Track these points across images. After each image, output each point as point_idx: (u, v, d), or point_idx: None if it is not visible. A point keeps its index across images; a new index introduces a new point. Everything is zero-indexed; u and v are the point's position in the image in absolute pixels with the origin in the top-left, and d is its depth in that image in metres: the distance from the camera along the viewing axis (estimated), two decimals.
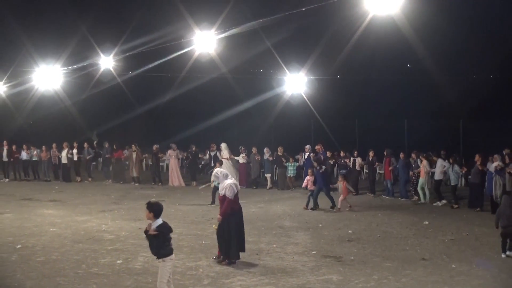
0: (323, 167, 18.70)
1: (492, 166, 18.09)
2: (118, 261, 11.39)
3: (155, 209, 8.08)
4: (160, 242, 7.98)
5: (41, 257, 11.73)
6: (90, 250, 12.36)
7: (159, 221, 8.04)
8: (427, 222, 16.31)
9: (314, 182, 18.67)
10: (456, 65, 32.17)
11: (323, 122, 30.50)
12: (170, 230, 8.17)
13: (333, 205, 18.48)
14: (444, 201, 20.07)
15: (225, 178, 11.75)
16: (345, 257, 11.97)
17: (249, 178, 25.71)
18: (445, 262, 11.62)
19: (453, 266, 11.29)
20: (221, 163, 19.87)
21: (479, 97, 31.81)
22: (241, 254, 12.06)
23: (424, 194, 20.58)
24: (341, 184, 18.69)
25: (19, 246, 12.74)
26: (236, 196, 11.63)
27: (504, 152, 19.20)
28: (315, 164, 18.78)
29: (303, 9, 13.29)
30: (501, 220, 12.14)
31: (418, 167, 21.07)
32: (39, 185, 25.94)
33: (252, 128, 33.26)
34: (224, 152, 25.45)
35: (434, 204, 20.06)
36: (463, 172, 21.56)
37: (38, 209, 18.25)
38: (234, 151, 25.75)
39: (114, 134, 32.73)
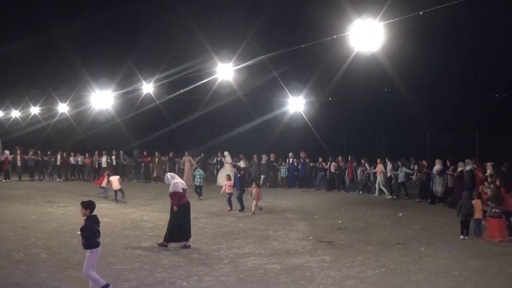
0: (241, 172, 17.41)
1: (434, 169, 18.98)
2: (155, 245, 11.44)
3: (90, 206, 8.06)
4: (88, 235, 7.79)
5: None
6: (135, 236, 12.43)
7: (90, 215, 7.98)
8: (401, 214, 16.32)
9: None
10: (422, 88, 32.16)
11: (317, 134, 30.55)
12: (96, 223, 8.00)
13: (242, 209, 16.61)
14: (393, 195, 20.98)
15: (173, 178, 11.75)
16: (336, 242, 11.98)
17: (248, 179, 25.73)
18: (416, 246, 11.62)
19: (422, 249, 11.28)
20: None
21: (442, 112, 32.18)
22: (253, 238, 12.14)
23: (380, 189, 21.64)
24: (254, 190, 16.47)
25: (78, 232, 12.76)
26: (184, 191, 11.60)
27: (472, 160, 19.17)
28: (235, 170, 17.73)
29: (302, 46, 13.37)
30: (462, 210, 12.58)
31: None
32: (90, 184, 26.05)
33: (261, 139, 33.32)
34: (227, 158, 25.93)
35: (387, 196, 21.02)
36: (415, 172, 22.05)
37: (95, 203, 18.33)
38: (238, 158, 26.13)
39: (152, 143, 32.91)
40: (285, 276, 8.93)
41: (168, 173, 12.32)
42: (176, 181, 11.65)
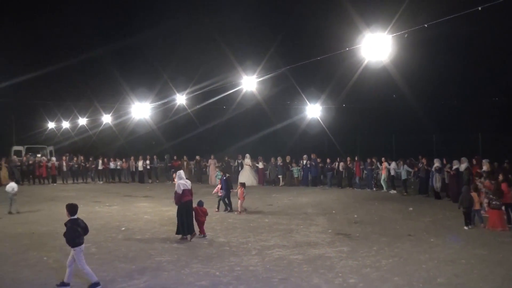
0: (227, 175, 16.49)
1: (434, 167, 19.01)
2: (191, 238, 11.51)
3: (70, 209, 7.91)
4: (71, 234, 7.70)
5: (138, 236, 11.92)
6: (172, 231, 12.43)
7: (73, 217, 7.86)
8: (411, 209, 16.12)
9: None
10: (425, 94, 31.70)
11: (332, 138, 30.40)
12: (78, 225, 7.77)
13: (230, 209, 15.84)
14: (394, 191, 21.33)
15: (179, 179, 11.69)
16: (352, 234, 11.89)
17: (265, 178, 26.22)
18: (425, 237, 11.46)
19: (432, 240, 11.12)
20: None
21: (447, 115, 31.75)
22: (278, 232, 12.11)
23: (385, 185, 21.85)
24: (239, 191, 15.71)
25: (123, 228, 12.94)
26: (184, 191, 11.51)
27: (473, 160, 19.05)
28: (222, 172, 17.00)
29: (319, 58, 13.36)
30: (463, 203, 12.71)
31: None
32: (133, 185, 26.32)
33: (281, 142, 33.29)
34: (247, 160, 25.99)
35: (391, 192, 21.31)
36: (415, 170, 22.26)
37: (136, 202, 18.52)
38: (257, 160, 26.43)
39: (181, 148, 33.19)
40: (307, 266, 8.89)
41: (179, 172, 12.16)
42: (179, 182, 11.63)
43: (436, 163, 18.95)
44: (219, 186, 16.14)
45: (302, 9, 32.88)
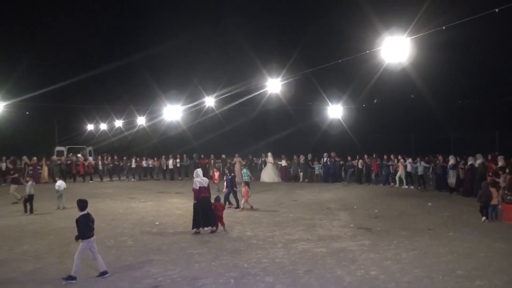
0: (232, 174, 16.02)
1: (449, 163, 18.78)
2: (220, 233, 11.52)
3: (80, 205, 7.97)
4: (84, 228, 7.74)
5: (171, 230, 12.02)
6: None
7: (83, 212, 7.90)
8: (430, 204, 15.82)
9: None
10: (443, 93, 31.09)
11: (353, 136, 30.10)
12: (89, 220, 7.85)
13: (237, 205, 15.50)
14: (412, 187, 21.03)
15: (196, 176, 11.87)
16: (373, 228, 11.75)
17: (289, 175, 26.00)
18: (444, 231, 11.24)
19: (450, 234, 10.90)
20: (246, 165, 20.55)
21: (464, 114, 31.13)
22: (302, 226, 12.06)
23: (401, 181, 21.54)
24: (243, 189, 15.44)
25: (157, 223, 13.08)
26: (201, 188, 11.62)
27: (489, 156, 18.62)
28: (226, 171, 16.58)
29: (340, 61, 13.25)
30: (482, 197, 12.55)
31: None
32: (165, 182, 26.55)
33: (304, 141, 33.11)
34: (270, 158, 26.07)
35: (407, 187, 21.12)
36: (432, 166, 21.70)
37: (168, 199, 18.67)
38: (280, 158, 26.48)
39: (209, 147, 33.38)
40: (330, 258, 8.83)
41: (196, 170, 12.30)
42: (196, 179, 11.80)
43: (451, 160, 18.75)
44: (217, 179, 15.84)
45: (324, 13, 32.72)
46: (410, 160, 21.39)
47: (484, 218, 12.38)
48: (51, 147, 36.99)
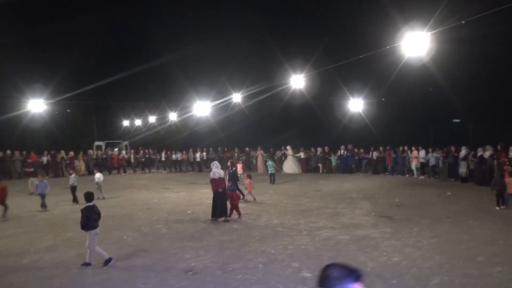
0: (234, 168, 15.23)
1: (461, 154, 18.68)
2: (249, 220, 11.59)
3: (87, 197, 7.97)
4: (85, 219, 7.68)
5: (202, 218, 12.10)
6: (232, 214, 12.63)
7: (89, 204, 7.87)
8: (449, 193, 15.50)
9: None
10: (461, 85, 30.21)
11: (373, 129, 29.66)
12: (93, 212, 7.77)
13: (243, 197, 14.60)
14: (425, 176, 20.96)
15: (215, 167, 11.94)
16: (394, 217, 11.58)
17: (308, 167, 25.96)
18: (464, 219, 10.99)
19: (470, 222, 10.66)
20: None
21: (482, 105, 30.20)
22: (325, 215, 11.99)
23: (417, 171, 21.40)
24: (246, 181, 15.04)
25: (189, 212, 13.21)
26: (220, 178, 11.76)
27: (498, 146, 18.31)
28: (229, 164, 15.69)
29: (361, 56, 13.03)
30: (496, 186, 12.53)
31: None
32: (195, 174, 26.78)
33: (325, 135, 32.78)
34: (289, 151, 26.12)
35: (420, 177, 20.96)
36: (443, 156, 21.54)
37: (199, 189, 18.79)
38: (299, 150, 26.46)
39: (233, 140, 33.49)
40: (353, 245, 8.76)
41: (214, 162, 12.36)
42: (214, 170, 11.87)
43: (463, 151, 18.61)
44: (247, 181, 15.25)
45: (346, 10, 32.18)
46: (422, 152, 21.21)
47: (498, 207, 12.17)
48: (91, 142, 37.75)
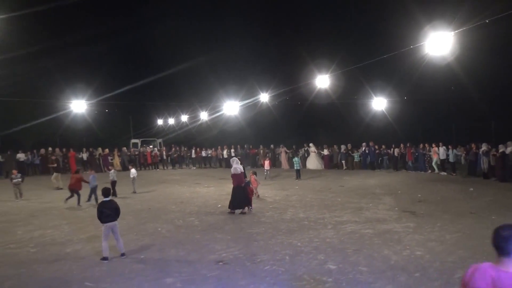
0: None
1: (481, 150, 18.26)
2: (275, 214, 11.57)
3: (104, 192, 7.96)
4: (98, 213, 7.66)
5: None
6: (259, 207, 12.65)
7: (106, 198, 7.83)
8: (472, 189, 15.07)
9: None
10: (483, 83, 29.21)
11: (396, 127, 29.12)
12: (106, 207, 7.66)
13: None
14: (445, 173, 20.50)
15: (236, 163, 12.28)
16: (417, 212, 11.34)
17: (331, 163, 25.88)
18: (487, 215, 10.66)
19: (493, 217, 10.33)
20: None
21: (504, 103, 29.11)
22: (350, 209, 11.85)
23: (437, 167, 21.00)
24: (251, 178, 14.30)
25: (219, 205, 13.28)
26: (240, 174, 12.05)
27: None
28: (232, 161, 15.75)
29: (385, 56, 12.80)
30: None
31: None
32: (224, 170, 26.74)
33: (349, 133, 32.37)
34: (312, 148, 26.04)
35: (442, 173, 20.49)
36: (464, 153, 21.28)
37: (228, 184, 18.53)
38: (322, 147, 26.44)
39: (262, 136, 33.49)
40: (377, 239, 8.62)
41: (234, 158, 12.61)
42: (236, 166, 12.13)
43: (484, 147, 18.15)
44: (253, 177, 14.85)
45: (369, 10, 31.66)
46: (442, 149, 20.79)
47: None
48: (128, 140, 38.49)
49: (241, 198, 11.91)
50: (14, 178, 15.29)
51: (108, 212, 7.65)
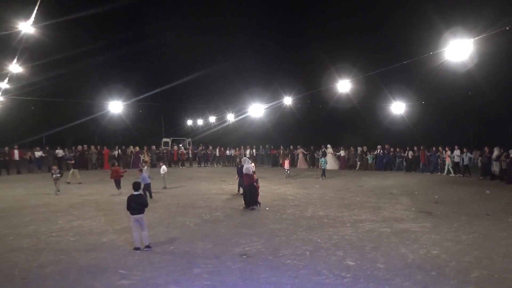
0: (241, 165, 14.12)
1: (494, 154, 18.09)
2: (296, 212, 11.51)
3: (134, 186, 8.03)
4: (127, 205, 7.72)
5: (255, 208, 12.17)
6: (281, 205, 12.60)
7: (135, 192, 7.86)
8: (488, 191, 14.63)
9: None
10: (501, 88, 28.20)
11: (414, 130, 28.55)
12: (133, 201, 7.71)
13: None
14: (458, 175, 20.46)
15: (247, 163, 12.29)
16: (434, 212, 11.08)
17: (347, 164, 25.79)
18: (503, 217, 10.32)
19: (509, 220, 9.99)
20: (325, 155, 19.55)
21: None
22: (368, 208, 11.68)
23: (449, 170, 20.95)
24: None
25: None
26: (251, 174, 12.04)
27: None
28: (238, 160, 15.41)
29: (404, 62, 12.55)
30: None
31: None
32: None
33: (368, 136, 31.92)
34: (329, 149, 26.14)
35: (457, 175, 20.40)
36: (477, 156, 20.61)
37: None
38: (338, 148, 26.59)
39: (284, 137, 33.41)
40: (394, 237, 8.46)
41: (246, 158, 12.58)
42: (247, 166, 12.14)
43: (496, 151, 17.92)
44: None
45: (390, 17, 31.18)
46: (457, 150, 20.51)
47: None
48: (159, 139, 39.08)
49: (253, 196, 12.05)
50: (53, 173, 15.71)
51: (134, 205, 7.76)
